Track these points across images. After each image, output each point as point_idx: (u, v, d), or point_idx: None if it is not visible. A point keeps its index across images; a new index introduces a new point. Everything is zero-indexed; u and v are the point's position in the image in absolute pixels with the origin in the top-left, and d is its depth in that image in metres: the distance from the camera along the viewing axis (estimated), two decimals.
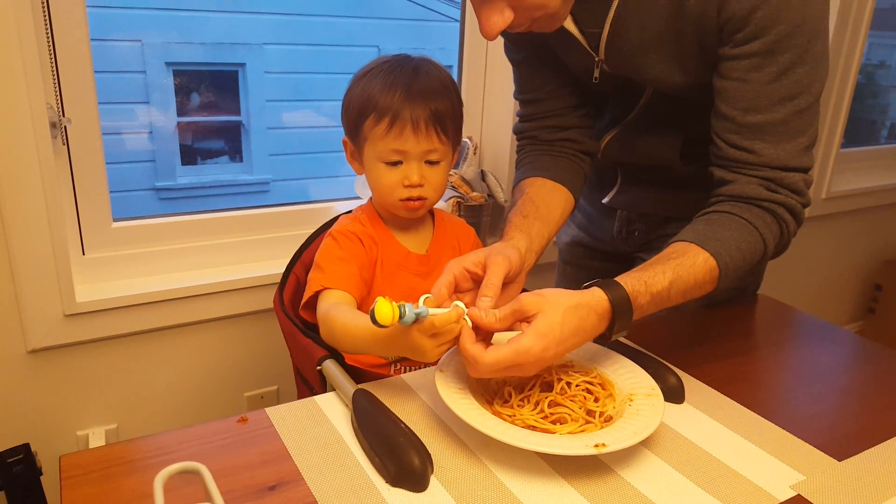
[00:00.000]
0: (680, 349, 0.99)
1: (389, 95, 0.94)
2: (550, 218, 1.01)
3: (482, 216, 1.65)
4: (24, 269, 1.20)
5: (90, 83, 1.26)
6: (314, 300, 0.96)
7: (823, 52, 0.86)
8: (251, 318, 1.49)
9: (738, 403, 0.87)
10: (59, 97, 1.23)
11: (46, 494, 1.27)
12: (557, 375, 0.82)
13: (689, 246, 0.87)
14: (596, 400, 0.80)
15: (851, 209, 2.54)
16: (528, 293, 0.77)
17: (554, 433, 0.74)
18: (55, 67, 1.21)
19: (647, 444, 0.76)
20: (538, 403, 0.79)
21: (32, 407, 1.33)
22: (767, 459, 0.76)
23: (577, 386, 0.81)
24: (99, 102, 1.28)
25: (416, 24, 3.53)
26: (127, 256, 1.39)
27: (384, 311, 0.70)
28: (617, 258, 1.25)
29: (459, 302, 0.77)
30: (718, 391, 0.89)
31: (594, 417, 0.77)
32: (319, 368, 0.87)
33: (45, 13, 1.17)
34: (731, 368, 0.96)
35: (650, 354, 0.91)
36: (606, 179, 1.19)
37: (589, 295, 0.78)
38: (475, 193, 1.62)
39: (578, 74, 1.04)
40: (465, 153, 1.68)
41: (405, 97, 0.94)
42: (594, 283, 0.81)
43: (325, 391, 0.86)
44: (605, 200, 1.20)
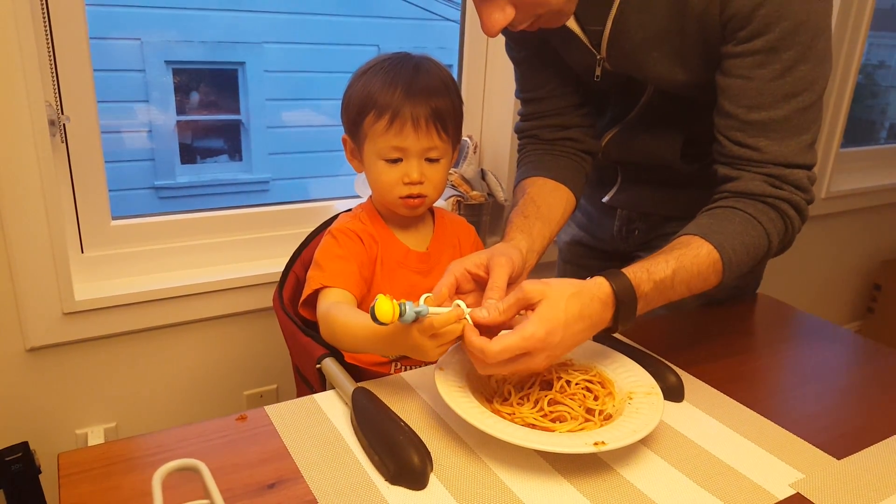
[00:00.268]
0: (679, 348, 0.99)
1: (390, 93, 0.94)
2: (551, 218, 1.01)
3: (482, 215, 1.65)
4: (22, 267, 1.20)
5: (89, 81, 1.26)
6: (313, 298, 0.96)
7: (827, 49, 0.86)
8: (250, 316, 1.49)
9: (737, 402, 0.87)
10: (57, 95, 1.23)
11: (45, 493, 1.27)
12: (557, 374, 0.82)
13: (692, 238, 0.87)
14: (595, 398, 0.80)
15: (851, 209, 2.54)
16: (530, 281, 0.76)
17: (553, 431, 0.74)
18: (54, 65, 1.21)
19: (646, 442, 0.76)
20: (538, 402, 0.79)
21: (31, 405, 1.32)
22: (767, 458, 0.76)
23: (576, 384, 0.81)
24: (98, 101, 1.28)
25: (416, 23, 3.53)
26: (126, 255, 1.39)
27: (384, 308, 0.70)
28: (617, 257, 1.25)
29: (461, 301, 0.76)
30: (718, 390, 0.89)
31: (594, 416, 0.77)
32: (319, 367, 0.87)
33: (43, 11, 1.17)
34: (730, 367, 0.96)
35: (650, 353, 0.91)
36: (607, 178, 1.19)
37: (591, 282, 0.79)
38: (475, 192, 1.62)
39: (580, 73, 1.04)
40: (465, 152, 1.68)
41: (405, 94, 0.93)
42: (597, 274, 0.81)
43: (324, 389, 0.86)
44: (605, 199, 1.20)
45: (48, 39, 1.19)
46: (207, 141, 3.43)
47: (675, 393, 0.85)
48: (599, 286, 0.78)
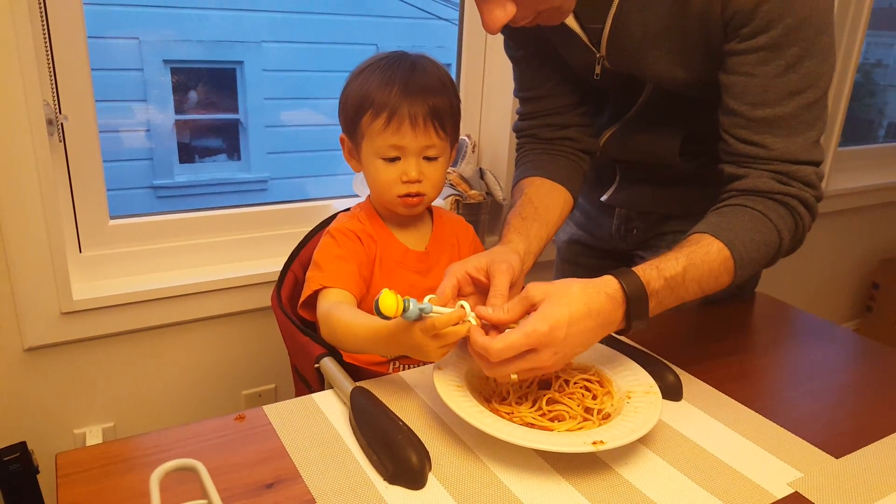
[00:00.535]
0: (678, 347, 0.99)
1: (387, 91, 0.94)
2: (549, 219, 1.01)
3: (480, 214, 1.65)
4: (20, 266, 1.20)
5: (87, 80, 1.25)
6: (313, 299, 0.96)
7: (830, 45, 0.85)
8: (249, 316, 1.49)
9: (735, 401, 0.87)
10: (55, 94, 1.23)
11: (43, 493, 1.26)
12: (555, 373, 0.82)
13: (701, 236, 0.86)
14: (594, 397, 0.80)
15: (849, 208, 2.55)
16: (535, 283, 0.76)
17: (552, 431, 0.74)
18: (52, 64, 1.21)
19: (645, 441, 0.76)
20: (536, 401, 0.79)
21: (29, 405, 1.32)
22: (765, 457, 0.76)
23: (575, 383, 0.82)
24: (96, 100, 1.28)
25: (414, 22, 3.53)
26: (124, 254, 1.39)
27: (388, 302, 0.70)
28: (615, 256, 1.25)
29: (465, 302, 0.76)
30: (716, 389, 0.89)
31: (592, 415, 0.77)
32: (317, 366, 0.87)
33: (41, 10, 1.17)
34: (729, 366, 0.96)
35: (648, 352, 0.91)
36: (605, 177, 1.19)
37: (598, 279, 0.78)
38: (473, 191, 1.62)
39: (579, 71, 1.04)
40: (463, 151, 1.68)
41: (403, 93, 0.93)
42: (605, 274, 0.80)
43: (322, 389, 0.86)
44: (603, 198, 1.20)
45: (46, 38, 1.18)
46: (206, 140, 3.43)
47: (673, 392, 0.85)
48: (606, 282, 0.78)
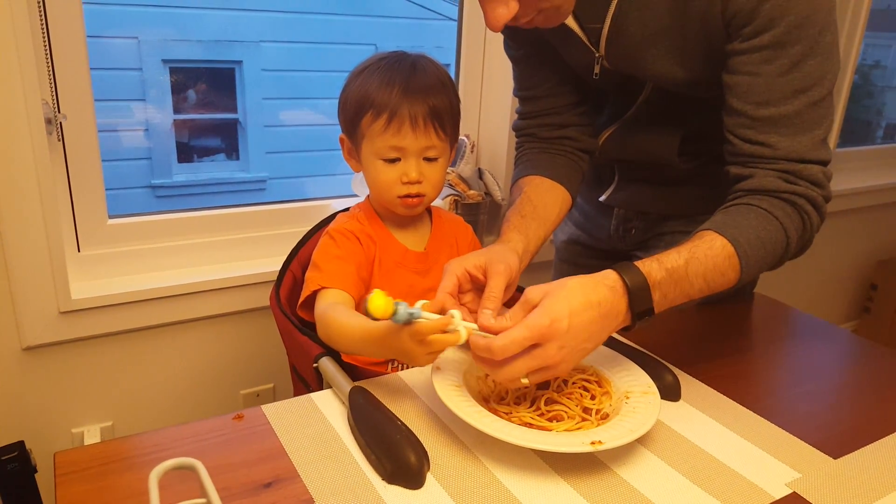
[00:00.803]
0: (676, 347, 0.99)
1: (387, 92, 0.94)
2: (547, 217, 1.02)
3: (479, 214, 1.65)
4: (19, 265, 1.20)
5: (86, 79, 1.25)
6: (312, 299, 0.96)
7: (833, 43, 0.84)
8: (247, 315, 1.49)
9: (734, 401, 0.87)
10: (54, 93, 1.23)
11: (41, 492, 1.26)
12: None
13: (705, 233, 0.85)
14: (592, 397, 0.80)
15: (847, 209, 2.55)
16: (533, 286, 0.76)
17: (550, 431, 0.74)
18: (51, 64, 1.20)
19: (643, 441, 0.76)
20: (534, 401, 0.79)
21: (27, 404, 1.32)
22: (763, 457, 0.76)
23: (573, 383, 0.82)
24: (95, 99, 1.27)
25: (413, 22, 3.53)
26: (122, 253, 1.38)
27: (378, 303, 0.70)
28: (614, 256, 1.25)
29: (456, 311, 0.75)
30: (715, 389, 0.89)
31: (590, 415, 0.77)
32: (316, 366, 0.87)
33: (40, 9, 1.16)
34: (727, 366, 0.96)
35: (647, 352, 0.91)
36: (604, 177, 1.19)
37: (596, 273, 0.78)
38: (472, 192, 1.62)
39: (579, 71, 1.04)
40: (462, 151, 1.68)
41: (403, 93, 0.93)
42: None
43: (321, 388, 0.86)
44: (602, 198, 1.20)
45: (45, 37, 1.18)
46: (204, 140, 3.42)
47: (671, 392, 0.85)
48: (605, 275, 0.77)
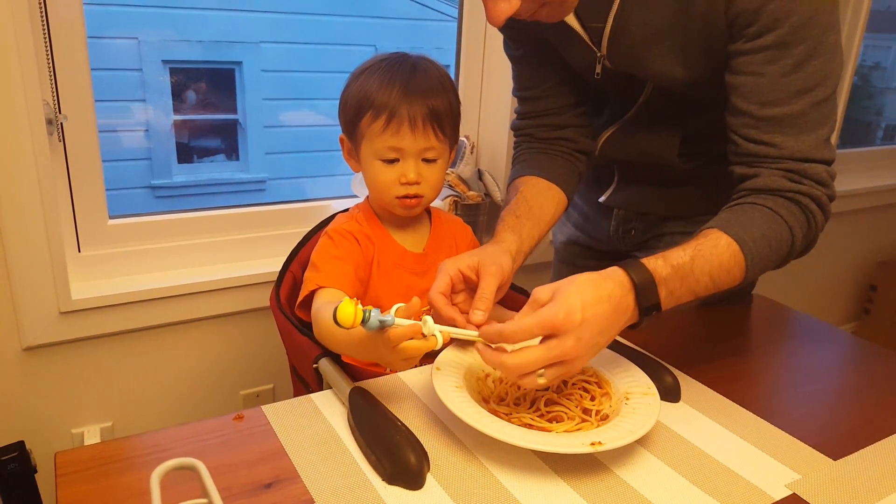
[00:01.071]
0: (676, 348, 0.99)
1: (387, 92, 0.94)
2: (542, 218, 1.02)
3: (479, 215, 1.65)
4: (19, 266, 1.20)
5: (87, 80, 1.26)
6: (310, 299, 0.96)
7: (837, 44, 0.84)
8: (247, 316, 1.49)
9: (733, 402, 0.87)
10: (55, 94, 1.23)
11: (41, 492, 1.26)
12: None
13: (710, 231, 0.85)
14: (592, 398, 0.80)
15: (847, 210, 2.55)
16: (540, 287, 0.75)
17: (550, 431, 0.74)
18: (52, 64, 1.21)
19: (643, 442, 0.76)
20: (534, 402, 0.79)
21: (27, 405, 1.32)
22: (763, 458, 0.76)
23: (573, 384, 0.82)
24: (95, 100, 1.28)
25: (412, 23, 3.53)
26: (123, 254, 1.39)
27: (346, 311, 0.68)
28: (613, 257, 1.24)
29: (428, 317, 0.74)
30: (714, 390, 0.89)
31: (590, 416, 0.77)
32: (316, 366, 0.87)
33: (41, 10, 1.17)
34: (727, 368, 0.96)
35: (646, 353, 0.91)
36: (603, 178, 1.19)
37: (603, 270, 0.78)
38: (472, 192, 1.62)
39: (580, 71, 1.04)
40: (462, 152, 1.68)
41: (403, 94, 0.93)
42: None
43: (321, 389, 0.86)
44: (601, 199, 1.20)
45: (46, 38, 1.19)
46: (204, 140, 3.42)
47: (671, 393, 0.86)
48: (612, 271, 0.78)
